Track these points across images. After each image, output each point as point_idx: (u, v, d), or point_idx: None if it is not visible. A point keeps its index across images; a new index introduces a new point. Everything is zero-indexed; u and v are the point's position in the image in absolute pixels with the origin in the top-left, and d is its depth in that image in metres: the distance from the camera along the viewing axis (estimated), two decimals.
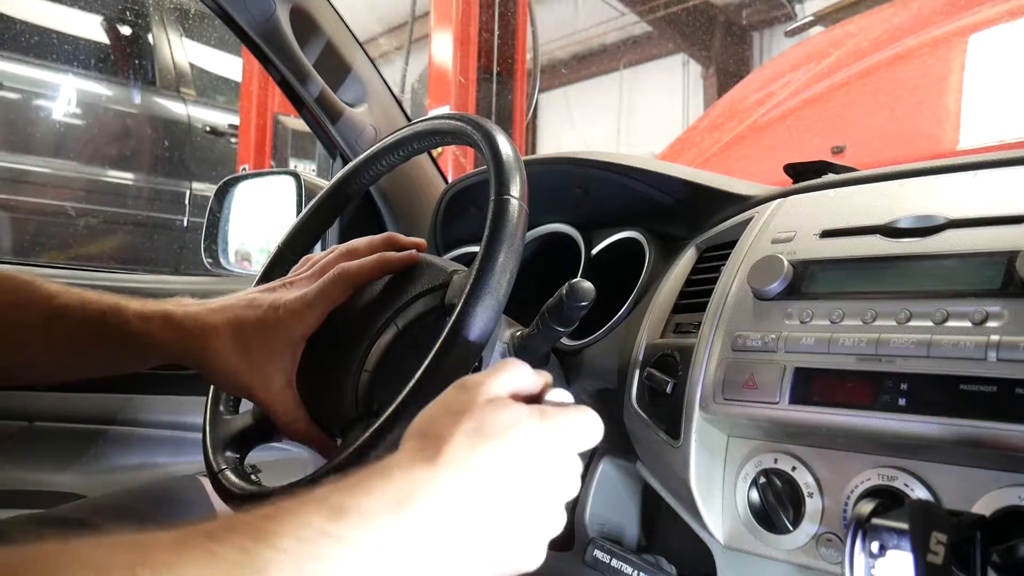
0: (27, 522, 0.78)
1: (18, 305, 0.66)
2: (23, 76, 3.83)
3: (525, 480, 0.44)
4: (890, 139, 1.69)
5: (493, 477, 0.43)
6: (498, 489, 0.43)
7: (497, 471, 0.43)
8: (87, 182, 4.05)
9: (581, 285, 0.60)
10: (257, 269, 1.15)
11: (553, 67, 8.31)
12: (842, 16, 2.58)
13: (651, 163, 0.92)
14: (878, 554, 0.52)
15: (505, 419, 0.45)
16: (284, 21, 1.14)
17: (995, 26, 1.70)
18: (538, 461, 0.45)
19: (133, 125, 4.21)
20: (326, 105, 1.23)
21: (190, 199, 4.34)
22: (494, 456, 0.43)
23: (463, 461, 0.42)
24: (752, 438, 0.68)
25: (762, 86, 2.45)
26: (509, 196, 0.59)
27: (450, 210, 1.13)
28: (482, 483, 0.42)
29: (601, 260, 0.97)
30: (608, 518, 0.84)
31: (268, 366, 0.66)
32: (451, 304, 0.63)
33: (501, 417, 0.45)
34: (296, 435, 0.68)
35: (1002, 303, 0.55)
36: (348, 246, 0.72)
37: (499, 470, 0.43)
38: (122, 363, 0.70)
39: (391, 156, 0.76)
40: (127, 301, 0.67)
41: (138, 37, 4.43)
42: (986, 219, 0.61)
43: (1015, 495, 0.53)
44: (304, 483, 0.58)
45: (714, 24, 8.15)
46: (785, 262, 0.68)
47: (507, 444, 0.44)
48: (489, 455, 0.43)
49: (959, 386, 0.54)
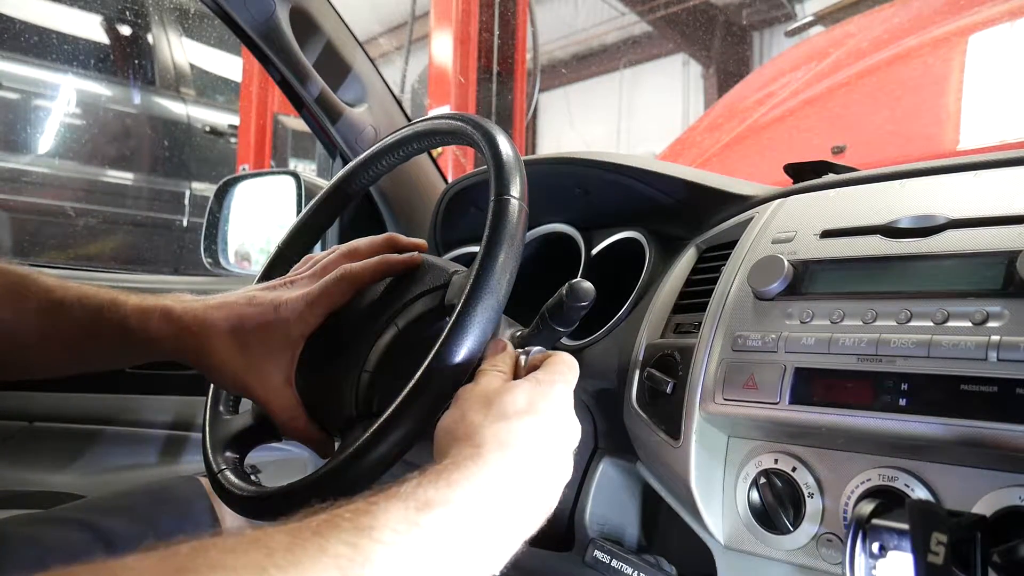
0: (27, 522, 0.78)
1: (15, 298, 0.65)
2: (23, 76, 3.83)
3: (550, 439, 0.53)
4: (890, 139, 1.69)
5: (531, 447, 0.51)
6: (537, 455, 0.51)
7: (532, 441, 0.51)
8: (87, 182, 4.04)
9: (581, 285, 0.60)
10: (257, 269, 1.15)
11: (553, 67, 8.31)
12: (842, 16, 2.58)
13: (651, 163, 0.92)
14: (878, 554, 0.52)
15: (520, 398, 0.53)
16: (284, 21, 1.14)
17: (995, 26, 1.70)
18: (554, 420, 0.54)
19: (133, 125, 4.21)
20: (326, 105, 1.23)
21: (190, 199, 4.34)
22: (526, 430, 0.51)
23: (505, 444, 0.49)
24: (752, 438, 0.68)
25: (762, 86, 2.45)
26: (509, 196, 0.59)
27: (450, 210, 1.13)
28: (523, 457, 0.50)
29: (601, 260, 0.97)
30: (608, 518, 0.84)
31: (267, 364, 0.65)
32: (451, 304, 0.62)
33: (516, 397, 0.53)
34: (294, 434, 0.67)
35: (1002, 303, 0.55)
36: (349, 246, 0.72)
37: (533, 440, 0.51)
38: (120, 358, 0.69)
39: (391, 156, 0.76)
40: (125, 296, 0.66)
41: (138, 37, 4.43)
42: (986, 219, 0.61)
43: (1015, 495, 0.53)
44: (303, 483, 0.58)
45: (714, 24, 8.15)
46: (785, 262, 0.68)
47: (531, 417, 0.52)
48: (524, 431, 0.51)
49: (959, 386, 0.54)
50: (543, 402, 0.54)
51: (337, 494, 0.56)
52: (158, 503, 0.85)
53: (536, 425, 0.52)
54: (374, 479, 0.55)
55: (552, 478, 0.52)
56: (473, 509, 0.45)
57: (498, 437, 0.50)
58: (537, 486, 0.51)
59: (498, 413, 0.51)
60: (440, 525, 0.43)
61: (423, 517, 0.42)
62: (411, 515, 0.42)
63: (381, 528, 0.40)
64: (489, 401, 0.53)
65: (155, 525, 0.81)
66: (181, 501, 0.86)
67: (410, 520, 0.41)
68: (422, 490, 0.44)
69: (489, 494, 0.47)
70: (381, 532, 0.40)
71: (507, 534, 0.47)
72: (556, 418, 0.54)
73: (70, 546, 0.74)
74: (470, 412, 0.52)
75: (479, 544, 0.45)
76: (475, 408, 0.52)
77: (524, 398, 0.53)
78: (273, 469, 1.29)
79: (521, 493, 0.49)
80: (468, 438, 0.50)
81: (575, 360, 0.59)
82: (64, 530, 0.76)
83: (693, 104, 8.02)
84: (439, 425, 0.54)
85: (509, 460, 0.49)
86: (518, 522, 0.48)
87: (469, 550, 0.44)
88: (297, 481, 0.59)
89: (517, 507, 0.48)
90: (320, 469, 0.57)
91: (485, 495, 0.46)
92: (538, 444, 0.51)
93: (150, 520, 0.82)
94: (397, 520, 0.41)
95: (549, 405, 0.54)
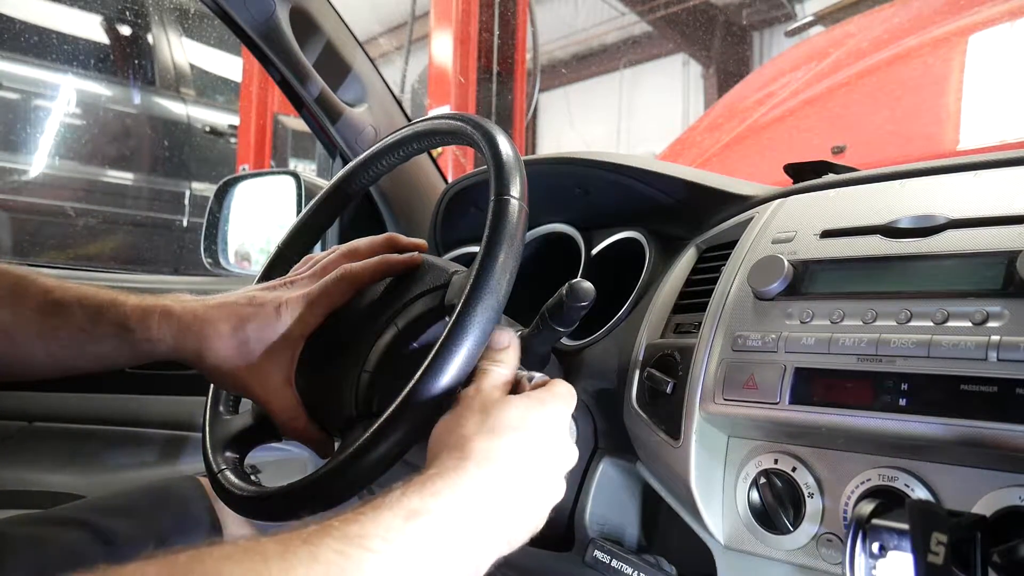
0: (27, 522, 0.78)
1: (14, 299, 0.65)
2: (23, 76, 3.83)
3: (538, 458, 0.54)
4: (890, 139, 1.69)
5: (517, 464, 0.52)
6: (522, 472, 0.52)
7: (518, 458, 0.52)
8: (87, 182, 4.05)
9: (581, 285, 0.60)
10: (257, 269, 1.15)
11: (553, 67, 8.31)
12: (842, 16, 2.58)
13: (651, 163, 0.92)
14: (878, 554, 0.52)
15: (513, 414, 0.54)
16: (284, 21, 1.14)
17: (995, 26, 1.70)
18: (545, 440, 0.54)
19: (133, 125, 4.21)
20: (326, 105, 1.23)
21: (190, 199, 4.34)
22: (514, 446, 0.52)
23: (489, 459, 0.50)
24: (752, 438, 0.68)
25: (762, 86, 2.45)
26: (509, 196, 0.59)
27: (450, 210, 1.13)
28: (506, 473, 0.51)
29: (601, 260, 0.97)
30: (608, 518, 0.84)
31: (266, 364, 0.65)
32: (451, 304, 0.62)
33: (510, 413, 0.54)
34: (294, 434, 0.67)
35: (1002, 303, 0.55)
36: (349, 246, 0.72)
37: (519, 457, 0.52)
38: (120, 358, 0.69)
39: (391, 156, 0.76)
40: (125, 296, 0.66)
41: (138, 37, 4.43)
42: (986, 219, 0.61)
43: (1015, 495, 0.53)
44: (303, 483, 0.58)
45: (714, 24, 8.15)
46: (785, 262, 0.68)
47: (521, 433, 0.53)
48: (511, 447, 0.52)
49: (959, 386, 0.54)
50: (537, 421, 0.54)
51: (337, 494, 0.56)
52: (158, 503, 0.85)
53: (524, 443, 0.53)
54: (374, 479, 0.55)
55: (537, 496, 0.53)
56: (454, 519, 0.47)
57: (484, 451, 0.51)
58: (520, 502, 0.52)
59: (489, 427, 0.52)
60: (425, 533, 0.45)
61: (409, 525, 0.44)
62: (398, 523, 0.44)
63: (370, 536, 0.42)
64: (485, 412, 0.53)
65: (155, 525, 0.81)
66: (181, 501, 0.86)
67: (397, 528, 0.43)
68: (407, 499, 0.46)
69: (469, 506, 0.48)
70: (370, 540, 0.42)
71: (489, 544, 0.49)
72: (547, 438, 0.55)
73: (70, 546, 0.74)
74: (464, 421, 0.53)
75: (462, 552, 0.47)
76: (469, 417, 0.53)
77: (518, 415, 0.54)
78: (273, 469, 1.29)
79: (502, 507, 0.50)
80: (457, 448, 0.51)
81: (574, 389, 0.60)
82: (64, 530, 0.76)
83: (693, 104, 8.02)
84: (436, 428, 0.55)
85: (491, 474, 0.50)
86: (500, 534, 0.50)
87: (453, 557, 0.46)
88: (297, 481, 0.59)
89: (498, 520, 0.50)
90: (320, 469, 0.57)
91: (465, 506, 0.48)
92: (523, 462, 0.52)
93: (150, 520, 0.82)
94: (385, 529, 0.43)
95: (542, 425, 0.55)
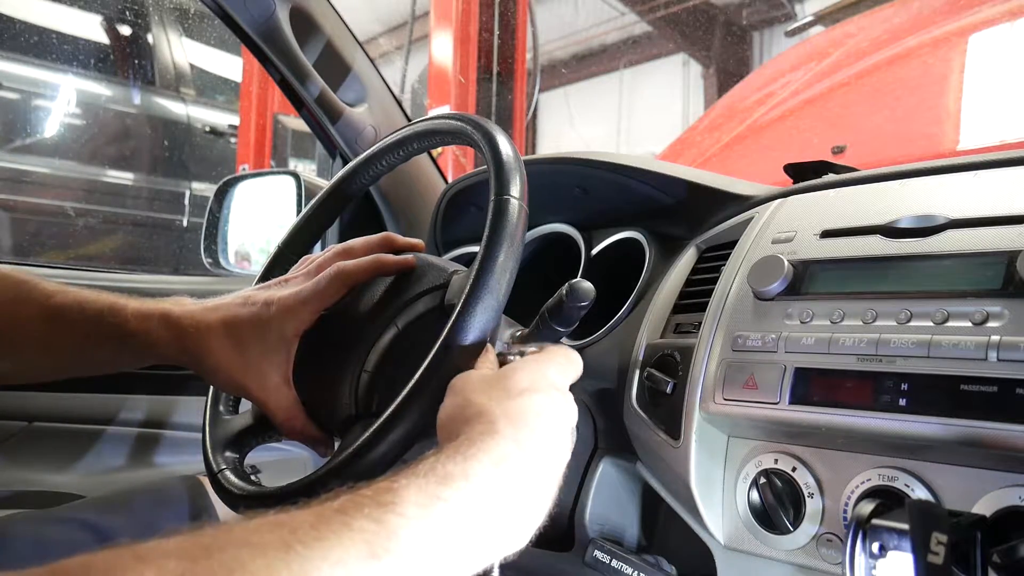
0: (27, 522, 0.78)
1: (15, 304, 0.65)
2: (23, 76, 3.83)
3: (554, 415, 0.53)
4: (890, 139, 1.69)
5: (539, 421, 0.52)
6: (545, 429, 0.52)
7: (539, 415, 0.52)
8: (87, 182, 4.05)
9: (581, 285, 0.60)
10: (257, 269, 1.15)
11: (553, 67, 8.31)
12: (842, 16, 2.58)
13: (651, 163, 0.92)
14: (878, 554, 0.52)
15: (521, 376, 0.54)
16: (284, 21, 1.14)
17: (995, 26, 1.70)
18: (554, 397, 0.55)
19: (133, 125, 4.21)
20: (326, 105, 1.23)
21: (190, 199, 4.34)
22: (533, 405, 0.52)
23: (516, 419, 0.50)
24: (752, 438, 0.68)
25: (762, 86, 2.45)
26: (509, 196, 0.59)
27: (450, 210, 1.13)
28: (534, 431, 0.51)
29: (601, 260, 0.97)
30: (608, 518, 0.84)
31: (263, 363, 0.65)
32: (451, 304, 0.62)
33: (517, 376, 0.54)
34: (293, 433, 0.67)
35: (1002, 303, 0.55)
36: (345, 245, 0.72)
37: (540, 414, 0.52)
38: (120, 362, 0.69)
39: (391, 156, 0.76)
40: (125, 300, 0.66)
41: (138, 37, 4.43)
42: (986, 219, 0.61)
43: (1015, 495, 0.53)
44: (303, 483, 0.58)
45: (714, 24, 8.15)
46: (785, 262, 0.68)
47: (535, 392, 0.53)
48: (531, 405, 0.52)
49: (959, 386, 0.54)
50: (543, 381, 0.55)
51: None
52: (158, 503, 0.85)
53: (541, 401, 0.53)
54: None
55: (559, 453, 0.54)
56: (492, 481, 0.46)
57: (508, 413, 0.50)
58: (548, 460, 0.52)
59: (503, 393, 0.52)
60: (462, 498, 0.43)
61: (445, 491, 0.43)
62: (432, 488, 0.42)
63: (404, 503, 0.41)
64: (490, 384, 0.53)
65: (155, 525, 0.81)
66: (181, 501, 0.86)
67: (432, 494, 0.42)
68: (440, 465, 0.44)
69: (506, 467, 0.47)
70: (404, 507, 0.40)
71: (525, 507, 0.48)
72: (556, 395, 0.55)
73: (70, 546, 0.74)
74: (473, 395, 0.53)
75: (500, 516, 0.46)
76: (477, 391, 0.53)
77: (526, 377, 0.54)
78: (273, 469, 1.28)
79: (535, 466, 0.50)
80: (478, 417, 0.50)
81: (575, 352, 0.60)
82: (64, 530, 0.76)
83: (693, 104, 8.03)
84: (440, 416, 0.54)
85: (522, 434, 0.50)
86: (534, 495, 0.49)
87: (491, 522, 0.45)
88: (297, 481, 0.59)
89: (532, 480, 0.49)
90: (320, 469, 0.57)
91: (502, 468, 0.47)
92: (545, 419, 0.52)
93: (150, 520, 0.82)
94: (419, 495, 0.42)
95: (548, 384, 0.55)
